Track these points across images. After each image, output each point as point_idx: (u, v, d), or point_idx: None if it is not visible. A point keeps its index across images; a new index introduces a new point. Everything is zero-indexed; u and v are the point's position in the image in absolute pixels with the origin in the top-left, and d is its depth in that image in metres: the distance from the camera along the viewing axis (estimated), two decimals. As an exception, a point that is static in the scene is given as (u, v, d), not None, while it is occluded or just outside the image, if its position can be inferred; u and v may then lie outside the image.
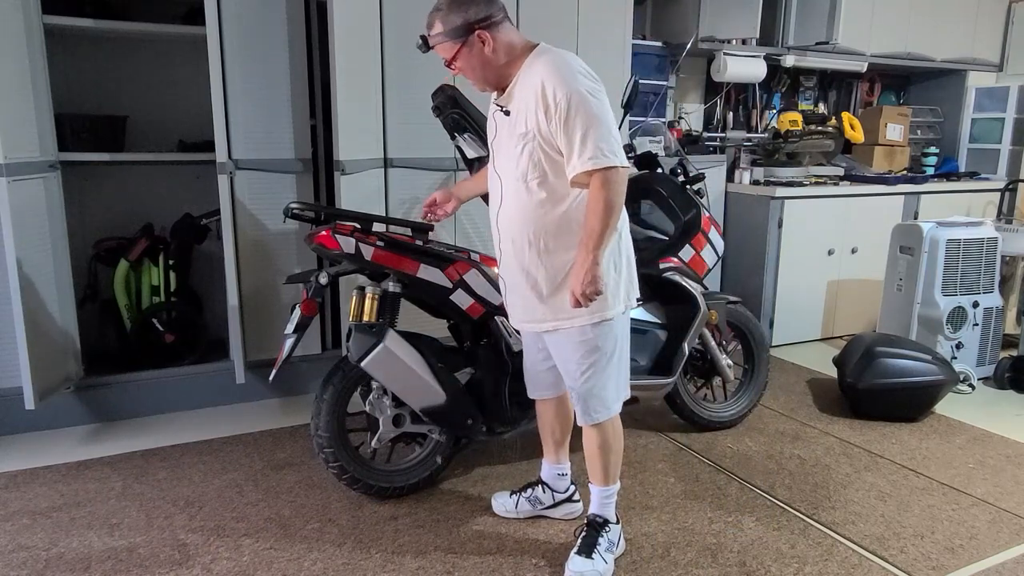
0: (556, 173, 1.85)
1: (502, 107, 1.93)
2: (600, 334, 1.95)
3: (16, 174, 2.60)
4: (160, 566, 2.07)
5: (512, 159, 1.90)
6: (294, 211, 2.30)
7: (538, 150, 1.84)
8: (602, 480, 2.08)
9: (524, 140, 1.85)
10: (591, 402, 2.01)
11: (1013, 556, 2.18)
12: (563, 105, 1.76)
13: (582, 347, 1.95)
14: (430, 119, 2.69)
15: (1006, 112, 5.03)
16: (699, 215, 2.79)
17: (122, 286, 3.22)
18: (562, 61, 1.81)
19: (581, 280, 1.81)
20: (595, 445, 2.06)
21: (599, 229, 1.79)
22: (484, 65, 1.87)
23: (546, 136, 1.82)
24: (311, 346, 3.36)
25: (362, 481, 2.38)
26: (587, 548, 2.04)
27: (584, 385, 1.99)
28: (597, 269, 1.81)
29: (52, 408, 2.95)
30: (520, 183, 1.89)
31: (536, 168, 1.86)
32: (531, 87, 1.81)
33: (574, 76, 1.78)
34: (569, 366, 2.00)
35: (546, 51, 1.86)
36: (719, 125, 4.78)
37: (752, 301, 4.17)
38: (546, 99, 1.77)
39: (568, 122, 1.77)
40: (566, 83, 1.76)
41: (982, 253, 3.67)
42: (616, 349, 2.00)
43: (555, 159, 1.84)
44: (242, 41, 2.98)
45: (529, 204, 1.89)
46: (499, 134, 1.97)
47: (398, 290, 2.31)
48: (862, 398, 3.20)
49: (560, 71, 1.78)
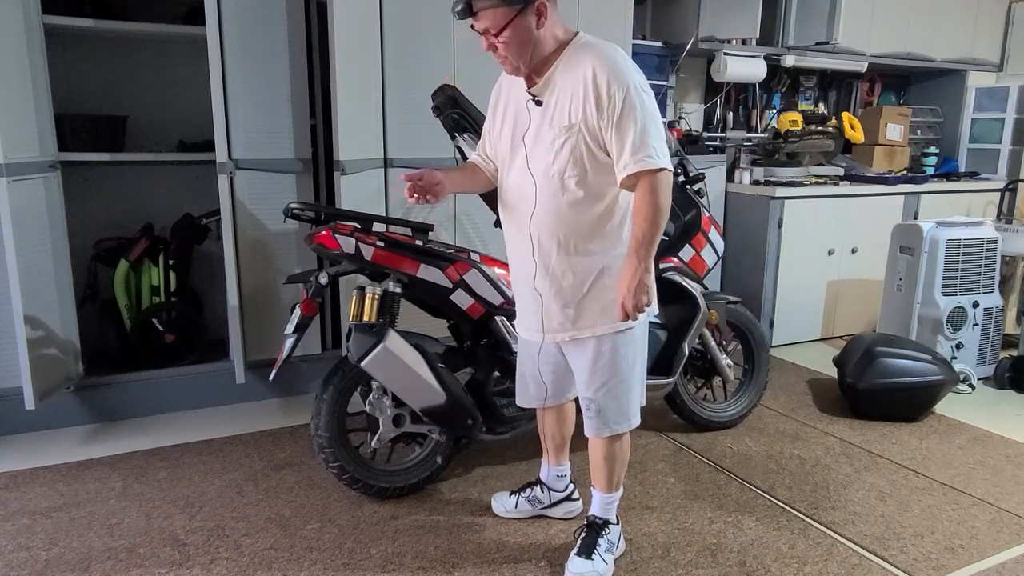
0: (596, 171, 1.76)
1: (535, 96, 1.80)
2: (622, 344, 1.89)
3: (16, 174, 2.60)
4: (160, 566, 2.07)
5: (548, 154, 1.78)
6: (294, 211, 2.30)
7: (581, 144, 1.73)
8: (606, 488, 2.06)
9: (567, 134, 1.73)
10: (611, 414, 1.94)
11: (1013, 556, 2.18)
12: (618, 99, 1.66)
13: (604, 357, 1.89)
14: (430, 119, 2.69)
15: (1006, 112, 5.03)
16: (699, 215, 2.79)
17: (122, 286, 3.22)
18: (613, 54, 1.71)
19: (631, 289, 1.71)
20: (602, 456, 2.02)
21: (651, 235, 1.70)
22: (531, 43, 1.71)
23: (592, 130, 1.71)
24: (311, 346, 3.36)
25: (362, 481, 2.38)
26: (587, 549, 2.03)
27: (605, 397, 1.92)
28: (649, 277, 1.74)
29: (52, 408, 2.95)
30: (556, 180, 1.78)
31: (576, 165, 1.75)
32: (578, 77, 1.70)
33: (629, 70, 1.69)
34: (588, 377, 1.92)
35: (593, 41, 1.75)
36: (719, 125, 4.78)
37: (752, 301, 4.17)
38: (598, 90, 1.67)
39: (623, 118, 1.67)
40: (622, 75, 1.67)
41: (982, 253, 3.67)
42: (638, 360, 1.95)
43: (597, 156, 1.74)
44: (242, 41, 2.98)
45: (563, 203, 1.79)
46: (531, 127, 1.83)
47: (398, 290, 2.31)
48: (862, 398, 3.20)
49: (615, 62, 1.68)
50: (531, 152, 1.83)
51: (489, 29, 1.71)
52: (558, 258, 1.83)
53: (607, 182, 1.78)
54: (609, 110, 1.68)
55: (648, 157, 1.68)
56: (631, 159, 1.69)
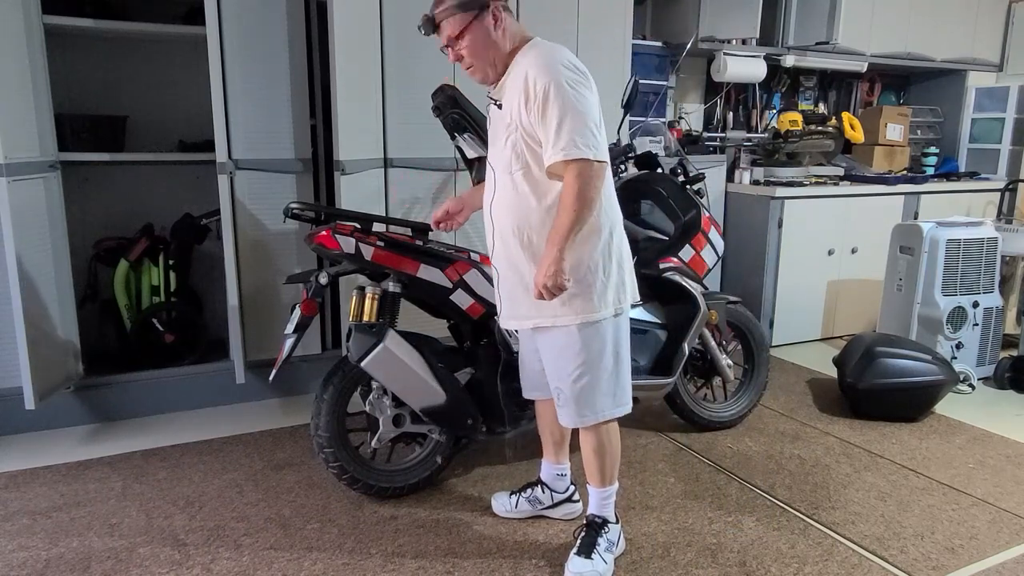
0: (540, 166, 1.84)
1: (495, 100, 1.93)
2: (587, 337, 1.91)
3: (16, 174, 2.60)
4: (160, 566, 2.07)
5: (503, 151, 1.89)
6: (294, 211, 2.30)
7: (520, 141, 1.83)
8: (599, 482, 2.07)
9: (508, 131, 1.85)
10: (578, 406, 1.97)
11: (1013, 556, 2.18)
12: (540, 94, 1.75)
13: (568, 349, 1.92)
14: (430, 119, 2.69)
15: (1006, 112, 5.03)
16: (699, 215, 2.79)
17: (122, 286, 3.22)
18: (548, 52, 1.81)
19: (543, 271, 1.78)
20: (590, 448, 2.04)
21: (567, 223, 1.76)
22: (490, 47, 1.84)
23: (527, 127, 1.81)
24: (311, 346, 3.36)
25: (362, 481, 2.38)
26: (586, 548, 2.03)
27: (572, 387, 1.95)
28: (561, 264, 1.77)
29: (52, 408, 2.95)
30: (506, 175, 1.89)
31: (519, 159, 1.85)
32: (519, 78, 1.81)
33: (556, 66, 1.77)
34: (555, 367, 1.98)
35: (537, 44, 1.86)
36: (719, 125, 4.78)
37: (752, 301, 4.17)
38: (527, 88, 1.77)
39: (545, 112, 1.76)
40: (546, 72, 1.76)
41: (982, 253, 3.67)
42: (606, 353, 1.94)
43: (537, 151, 1.83)
44: (242, 41, 2.98)
45: (514, 196, 1.89)
46: (492, 127, 1.97)
47: (398, 290, 2.31)
48: (862, 398, 3.20)
49: (543, 61, 1.78)
50: (491, 147, 1.98)
51: (450, 35, 1.84)
52: (515, 248, 1.91)
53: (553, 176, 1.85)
54: (535, 105, 1.77)
55: (563, 149, 1.74)
56: (551, 150, 1.77)
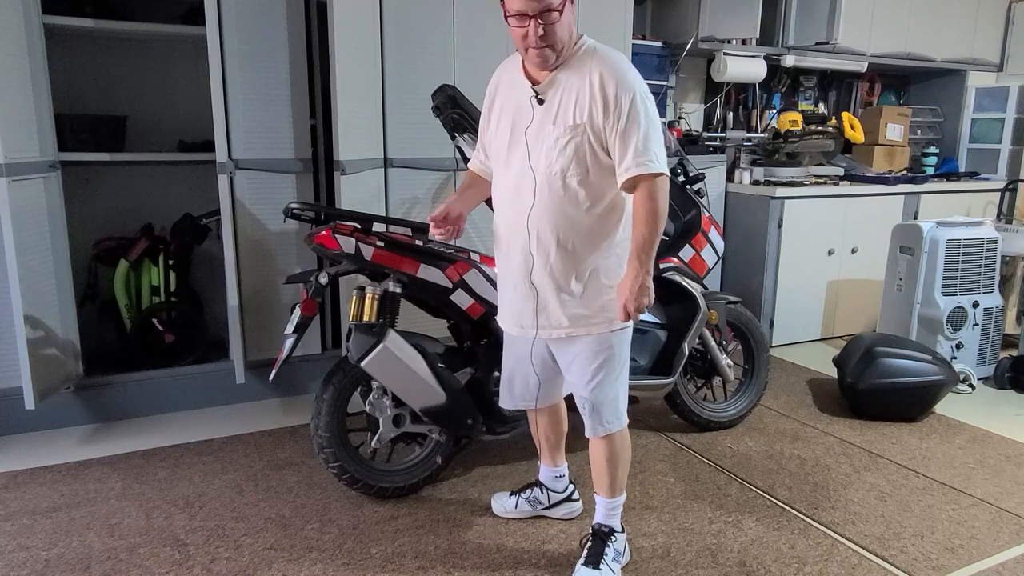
0: (597, 171, 1.80)
1: (538, 94, 1.83)
2: (617, 342, 1.92)
3: (16, 174, 2.60)
4: (160, 566, 2.07)
5: (552, 152, 1.80)
6: (294, 211, 2.30)
7: (585, 145, 1.77)
8: (609, 492, 2.04)
9: (572, 134, 1.77)
10: (604, 412, 1.96)
11: (1013, 556, 2.18)
12: (625, 104, 1.72)
13: (600, 355, 1.91)
14: (430, 119, 2.70)
15: (1006, 112, 5.03)
16: (699, 215, 2.79)
17: (122, 286, 3.22)
18: (622, 59, 1.78)
19: (633, 291, 1.76)
20: (603, 458, 2.01)
21: (651, 238, 1.76)
22: (569, 30, 1.76)
23: (597, 132, 1.76)
24: (311, 346, 3.36)
25: (362, 481, 2.38)
26: (594, 559, 2.00)
27: (597, 394, 1.93)
28: (649, 279, 1.77)
29: (52, 408, 2.95)
30: (557, 179, 1.81)
31: (580, 165, 1.79)
32: (584, 79, 1.75)
33: (636, 77, 1.76)
34: (582, 375, 1.94)
35: (597, 45, 1.81)
36: (719, 125, 4.78)
37: (752, 301, 4.17)
38: (606, 95, 1.73)
39: (628, 123, 1.73)
40: (629, 83, 1.73)
41: (982, 253, 3.67)
42: (626, 358, 1.98)
43: (599, 157, 1.79)
44: (242, 41, 2.98)
45: (563, 202, 1.81)
46: (533, 124, 1.84)
47: (398, 290, 2.31)
48: (862, 398, 3.20)
49: (622, 69, 1.75)
50: (532, 149, 1.84)
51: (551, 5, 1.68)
52: (557, 255, 1.85)
53: (607, 183, 1.82)
54: (615, 114, 1.73)
55: (649, 161, 1.74)
56: (633, 162, 1.74)
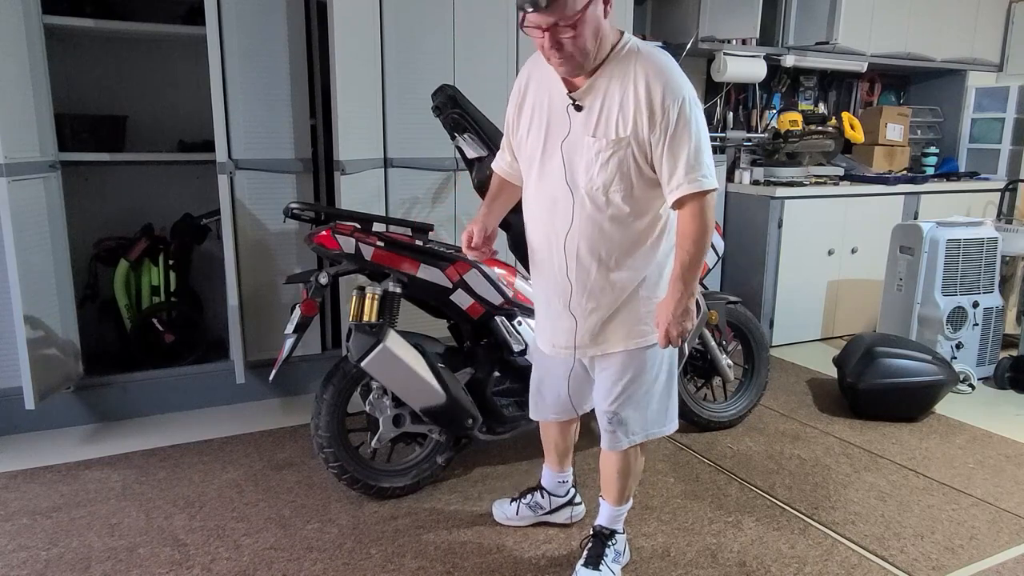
0: (641, 186, 1.67)
1: (575, 101, 1.67)
2: (650, 357, 1.83)
3: (16, 174, 2.60)
4: (160, 566, 2.07)
5: (592, 166, 1.67)
6: (294, 211, 2.30)
7: (630, 159, 1.64)
8: (617, 500, 2.02)
9: (616, 147, 1.63)
10: (630, 425, 1.88)
11: (1013, 556, 2.18)
12: (672, 114, 1.57)
13: (630, 371, 1.83)
14: (430, 119, 2.69)
15: (1006, 112, 5.03)
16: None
17: (122, 286, 3.22)
18: (669, 61, 1.62)
19: (676, 314, 1.65)
20: (615, 469, 1.96)
21: (698, 258, 1.64)
22: (597, 36, 1.59)
23: (642, 145, 1.62)
24: (311, 346, 3.36)
25: (362, 481, 2.38)
26: (594, 560, 1.99)
27: (626, 409, 1.86)
28: (692, 301, 1.67)
29: (52, 408, 2.95)
30: (600, 194, 1.68)
31: (624, 179, 1.65)
32: (628, 85, 1.61)
33: (685, 83, 1.60)
34: (608, 389, 1.87)
35: (641, 45, 1.65)
36: (719, 125, 4.78)
37: (752, 301, 4.17)
38: (652, 103, 1.58)
39: (676, 134, 1.58)
40: (676, 88, 1.58)
41: (982, 253, 3.67)
42: (661, 372, 1.88)
43: (643, 170, 1.65)
44: (242, 41, 2.98)
45: (605, 218, 1.69)
46: (571, 136, 1.69)
47: (398, 290, 2.31)
48: (862, 398, 3.20)
49: (670, 74, 1.59)
50: (569, 161, 1.71)
51: (559, 22, 1.53)
52: (598, 275, 1.75)
53: (652, 196, 1.70)
54: (662, 125, 1.59)
55: (702, 177, 1.61)
56: (685, 179, 1.61)
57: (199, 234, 3.40)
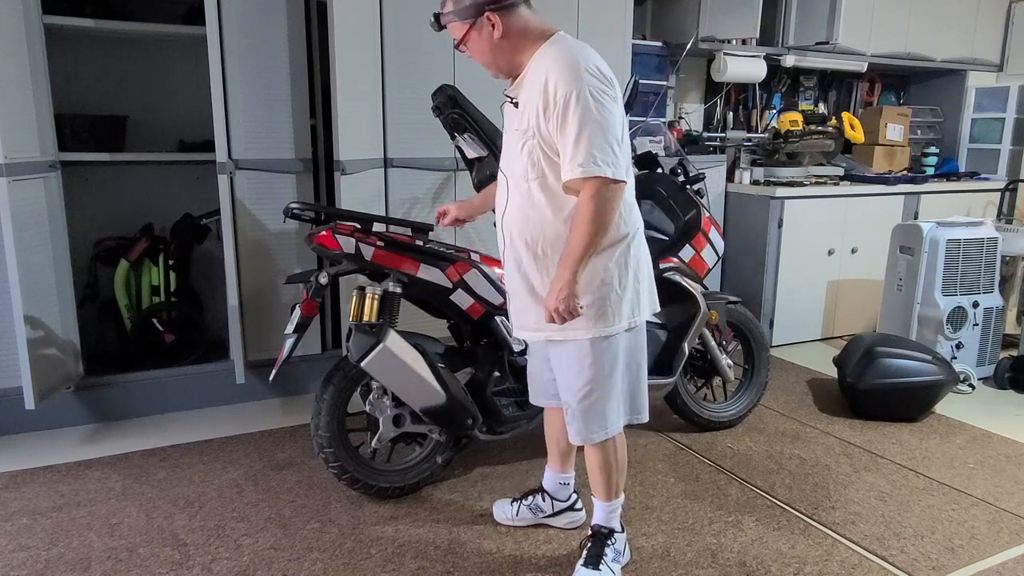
0: (557, 175, 1.74)
1: (511, 98, 1.81)
2: (598, 351, 1.84)
3: (16, 174, 2.60)
4: (160, 566, 2.07)
5: (515, 156, 1.81)
6: (294, 211, 2.30)
7: (537, 149, 1.74)
8: (605, 495, 2.02)
9: (525, 137, 1.75)
10: (588, 422, 1.90)
11: (1013, 556, 2.18)
12: (561, 103, 1.65)
13: (578, 363, 1.85)
14: (430, 119, 2.70)
15: (1006, 112, 5.03)
16: (699, 215, 2.79)
17: (122, 286, 3.22)
18: (571, 54, 1.68)
19: (555, 295, 1.70)
20: (596, 463, 1.98)
21: (581, 245, 1.68)
22: (493, 50, 1.76)
23: (545, 135, 1.71)
24: (311, 346, 3.36)
25: (362, 481, 2.38)
26: (593, 560, 1.99)
27: (581, 403, 1.89)
28: (574, 287, 1.70)
29: (52, 408, 2.95)
30: (521, 182, 1.80)
31: (535, 168, 1.76)
32: (537, 79, 1.71)
33: (579, 72, 1.64)
34: (566, 381, 1.90)
35: (559, 41, 1.73)
36: (719, 125, 4.78)
37: (752, 301, 4.17)
38: (546, 94, 1.67)
39: (565, 122, 1.66)
40: (568, 79, 1.64)
41: (982, 253, 3.67)
42: (618, 368, 1.88)
43: (554, 160, 1.73)
44: (242, 41, 2.98)
45: (528, 206, 1.80)
46: (507, 128, 1.86)
47: (398, 290, 2.31)
48: (862, 398, 3.20)
49: (566, 65, 1.66)
50: (506, 153, 1.88)
51: (455, 39, 1.80)
52: (528, 259, 1.84)
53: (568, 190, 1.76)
54: (555, 114, 1.67)
55: (581, 165, 1.65)
56: (568, 165, 1.68)
57: (199, 234, 3.40)
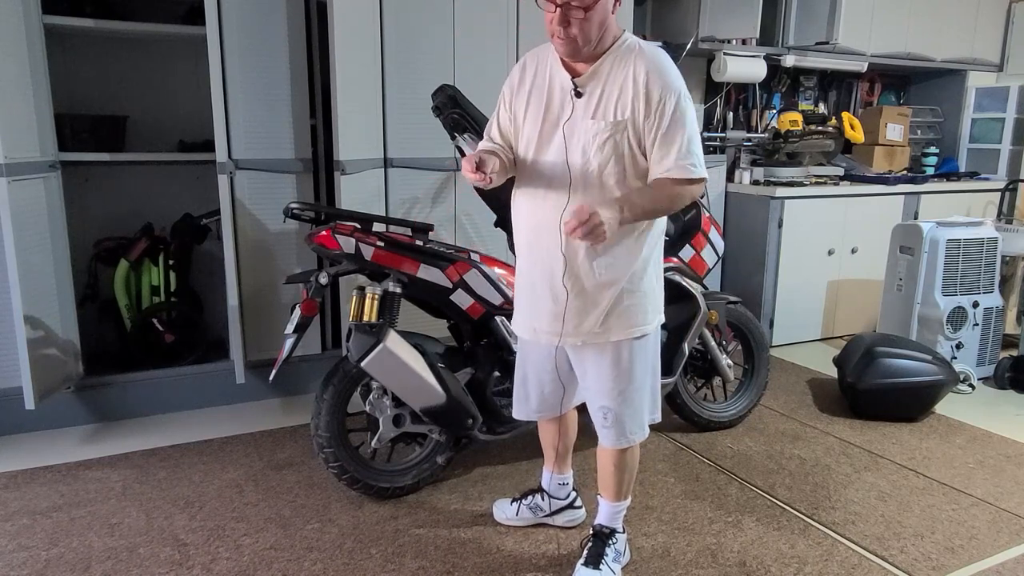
0: (634, 174, 1.75)
1: (577, 86, 1.76)
2: (639, 350, 1.86)
3: (16, 174, 2.60)
4: (160, 566, 2.07)
5: (589, 148, 1.74)
6: (294, 211, 2.30)
7: (624, 142, 1.72)
8: (614, 496, 2.02)
9: (612, 130, 1.71)
10: (627, 423, 1.90)
11: (1013, 556, 2.18)
12: (669, 105, 1.69)
13: (622, 363, 1.85)
14: (430, 119, 2.69)
15: (1006, 112, 5.03)
16: (699, 215, 2.79)
17: (122, 286, 3.22)
18: (665, 59, 1.75)
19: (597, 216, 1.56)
20: (613, 464, 1.98)
21: (651, 208, 1.73)
22: (605, 24, 1.71)
23: (638, 130, 1.72)
24: (311, 346, 3.36)
25: (362, 481, 2.38)
26: (594, 559, 1.99)
27: (623, 406, 1.88)
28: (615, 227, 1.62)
29: (52, 408, 2.95)
30: (595, 177, 1.74)
31: (618, 163, 1.73)
32: (627, 75, 1.71)
33: (679, 79, 1.73)
34: (607, 385, 1.88)
35: (643, 43, 1.78)
36: (719, 125, 4.78)
37: (752, 301, 4.17)
38: (649, 93, 1.69)
39: (672, 124, 1.70)
40: (673, 84, 1.71)
41: (982, 253, 3.67)
42: (648, 364, 1.92)
43: (637, 158, 1.74)
44: (242, 41, 2.98)
45: (598, 201, 1.69)
46: (572, 119, 1.77)
47: (398, 290, 2.31)
48: (862, 398, 3.20)
49: (667, 67, 1.73)
50: (570, 143, 1.77)
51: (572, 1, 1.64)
52: (585, 257, 1.78)
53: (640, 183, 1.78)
54: (657, 113, 1.70)
55: (692, 166, 1.73)
56: (675, 163, 1.72)
57: (199, 234, 3.40)
